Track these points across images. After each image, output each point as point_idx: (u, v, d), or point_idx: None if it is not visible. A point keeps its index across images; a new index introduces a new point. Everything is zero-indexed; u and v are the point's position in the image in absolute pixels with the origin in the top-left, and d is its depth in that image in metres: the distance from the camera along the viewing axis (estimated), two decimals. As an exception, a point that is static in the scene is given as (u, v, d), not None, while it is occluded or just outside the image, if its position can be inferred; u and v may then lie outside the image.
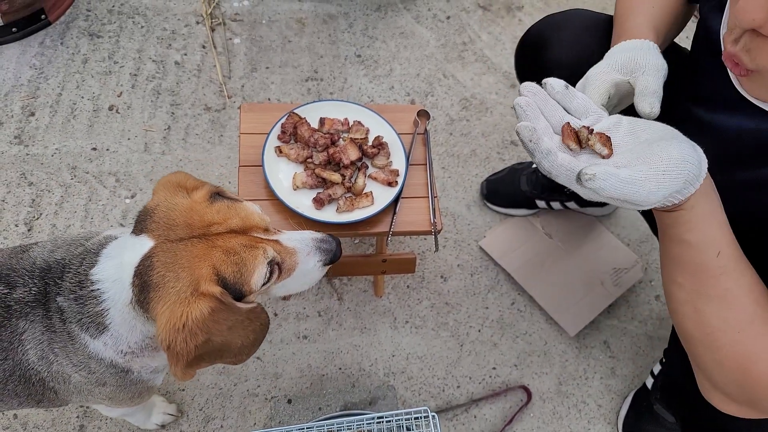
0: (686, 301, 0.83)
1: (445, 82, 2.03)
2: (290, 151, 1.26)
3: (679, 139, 0.75)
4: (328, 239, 0.97)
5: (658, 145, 0.73)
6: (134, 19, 2.02)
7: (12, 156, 1.72)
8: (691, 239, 0.78)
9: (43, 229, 1.61)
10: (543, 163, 0.74)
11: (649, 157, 0.72)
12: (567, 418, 1.53)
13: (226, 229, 0.84)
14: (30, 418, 1.38)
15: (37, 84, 1.85)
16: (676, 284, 0.83)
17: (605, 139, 0.76)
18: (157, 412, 1.37)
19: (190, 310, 0.77)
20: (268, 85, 1.94)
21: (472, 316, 1.64)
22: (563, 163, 0.74)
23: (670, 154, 0.71)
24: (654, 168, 0.71)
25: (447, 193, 1.81)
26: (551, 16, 1.28)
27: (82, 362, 0.90)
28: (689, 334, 0.85)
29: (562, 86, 0.81)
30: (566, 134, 0.77)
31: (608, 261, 1.72)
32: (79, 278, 0.87)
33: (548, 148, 0.74)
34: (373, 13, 2.15)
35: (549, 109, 0.80)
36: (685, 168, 0.71)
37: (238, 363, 0.89)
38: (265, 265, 0.85)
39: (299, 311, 1.59)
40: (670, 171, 0.71)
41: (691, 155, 0.73)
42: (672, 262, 0.84)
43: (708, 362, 0.84)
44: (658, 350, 1.64)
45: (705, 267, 0.79)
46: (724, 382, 0.84)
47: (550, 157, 0.74)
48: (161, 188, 0.87)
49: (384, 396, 1.48)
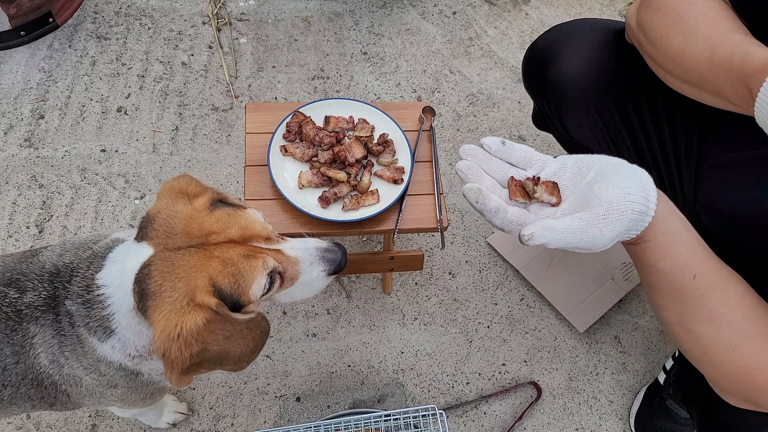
0: (675, 323, 0.82)
1: (452, 78, 2.02)
2: (296, 150, 1.26)
3: (620, 173, 0.73)
4: (333, 249, 0.95)
5: (599, 186, 0.72)
6: (141, 21, 2.04)
7: (22, 159, 1.74)
8: (664, 267, 0.77)
9: (54, 230, 1.63)
10: (494, 221, 0.75)
11: (590, 202, 0.71)
12: (578, 414, 1.52)
13: (224, 239, 0.83)
14: (43, 418, 1.40)
15: (46, 87, 1.86)
16: (662, 308, 0.83)
17: (552, 186, 0.76)
18: (168, 410, 1.38)
19: (185, 321, 0.77)
20: (275, 85, 1.95)
21: (480, 313, 1.63)
22: (513, 219, 0.74)
23: (609, 196, 0.70)
24: (593, 213, 0.70)
25: (455, 189, 1.81)
26: (558, 27, 1.25)
27: (92, 365, 0.91)
28: (687, 352, 0.84)
29: (499, 143, 0.81)
30: (512, 190, 0.77)
31: (618, 255, 1.71)
32: (86, 282, 0.87)
33: (496, 206, 0.74)
34: (379, 10, 2.15)
35: (492, 167, 0.80)
36: (627, 207, 0.70)
37: (238, 370, 0.88)
38: (264, 276, 0.84)
39: (308, 309, 1.59)
40: (610, 214, 0.69)
41: (633, 191, 0.71)
42: (652, 289, 0.83)
43: (711, 376, 0.84)
44: (670, 345, 1.62)
45: (684, 291, 0.78)
46: (730, 391, 0.84)
47: (500, 215, 0.74)
48: (164, 193, 0.87)
49: (393, 393, 1.48)
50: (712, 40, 0.85)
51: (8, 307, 0.87)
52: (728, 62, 0.80)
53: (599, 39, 1.17)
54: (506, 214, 0.74)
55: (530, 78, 1.31)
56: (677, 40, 0.90)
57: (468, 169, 0.78)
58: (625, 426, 1.51)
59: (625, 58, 1.10)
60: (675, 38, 0.90)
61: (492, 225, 0.75)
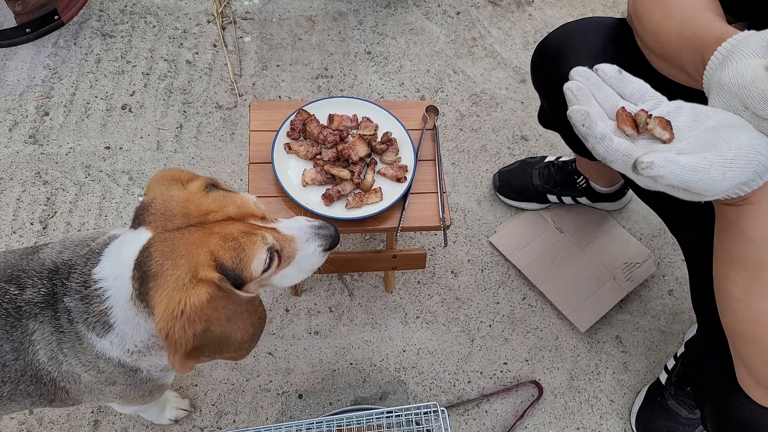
0: (740, 298, 0.80)
1: (455, 78, 2.03)
2: (299, 148, 1.26)
3: (749, 128, 0.71)
4: (325, 225, 0.96)
5: (726, 132, 0.69)
6: (146, 19, 2.04)
7: (27, 155, 1.74)
8: (754, 236, 0.75)
9: (58, 227, 1.63)
10: (597, 149, 0.71)
11: (716, 144, 0.68)
12: (579, 413, 1.52)
13: (223, 217, 0.84)
14: (45, 414, 1.40)
15: (51, 84, 1.87)
16: (730, 280, 0.81)
17: (665, 123, 0.72)
18: (170, 407, 1.39)
19: (189, 297, 0.77)
20: (279, 83, 1.95)
21: (482, 312, 1.64)
22: (619, 149, 0.70)
23: (739, 142, 0.67)
24: (720, 155, 0.67)
25: (457, 188, 1.81)
26: (567, 25, 1.25)
27: (90, 362, 0.91)
28: (739, 331, 0.82)
29: (616, 71, 0.77)
30: (621, 119, 0.73)
31: (620, 255, 1.71)
32: (84, 278, 0.88)
33: (602, 132, 0.70)
34: (383, 10, 2.16)
35: (602, 95, 0.76)
36: (755, 158, 0.67)
37: (239, 358, 0.88)
38: (264, 251, 0.84)
39: (310, 307, 1.60)
40: (738, 160, 0.67)
41: (762, 145, 0.68)
42: (728, 259, 0.80)
43: (755, 359, 0.82)
44: (671, 345, 1.63)
45: (765, 265, 0.76)
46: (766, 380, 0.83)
47: (604, 142, 0.70)
48: (155, 184, 0.88)
49: (395, 391, 1.49)
50: (684, 16, 0.86)
51: (8, 303, 0.87)
52: (692, 36, 0.82)
53: (609, 35, 1.17)
54: (612, 143, 0.70)
55: (539, 75, 1.30)
56: (657, 15, 0.92)
57: (578, 90, 0.74)
58: (626, 425, 1.52)
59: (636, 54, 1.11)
60: (656, 14, 0.92)
61: (594, 153, 0.71)
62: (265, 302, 1.59)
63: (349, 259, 1.41)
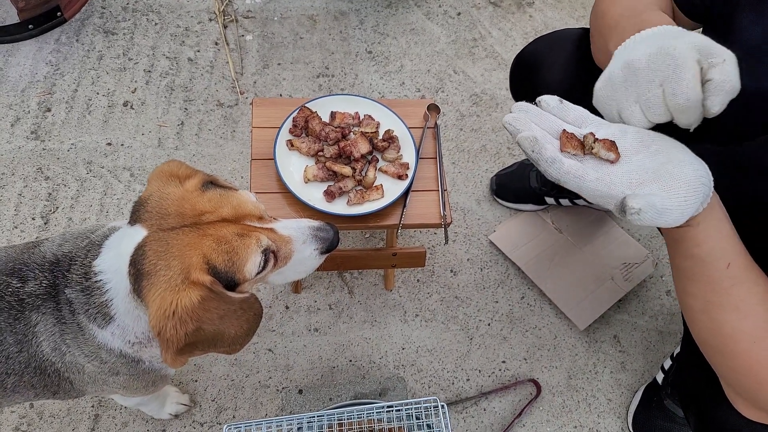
0: (701, 310, 0.82)
1: (456, 78, 2.04)
2: (301, 145, 1.27)
3: (689, 154, 0.74)
4: (325, 227, 0.96)
5: (674, 166, 0.72)
6: (148, 17, 2.05)
7: (29, 151, 1.75)
8: (700, 253, 0.78)
9: (60, 222, 1.64)
10: (550, 171, 0.74)
11: (668, 181, 0.71)
12: (576, 412, 1.53)
13: (217, 218, 0.84)
14: (46, 408, 1.41)
15: (53, 80, 1.88)
16: (690, 295, 0.83)
17: (609, 144, 0.75)
18: (170, 402, 1.39)
19: (180, 298, 0.77)
20: (280, 82, 1.96)
21: (481, 310, 1.64)
22: (570, 170, 0.74)
23: (687, 178, 0.71)
24: (675, 194, 0.70)
25: (457, 188, 1.82)
26: (542, 38, 1.30)
27: (93, 352, 0.92)
28: (706, 342, 0.85)
29: (557, 101, 0.81)
30: (564, 141, 0.76)
31: (618, 256, 1.73)
32: (84, 270, 0.88)
33: (552, 156, 0.73)
34: (384, 10, 2.17)
35: (545, 122, 0.79)
36: (701, 191, 0.71)
37: (233, 353, 0.89)
38: (259, 254, 0.84)
39: (310, 304, 1.60)
40: (689, 196, 0.70)
41: (704, 175, 0.72)
42: (683, 274, 0.83)
43: (725, 369, 0.84)
44: (668, 345, 1.64)
45: (716, 279, 0.79)
46: (741, 388, 0.84)
47: (555, 165, 0.74)
48: (155, 178, 0.88)
49: (394, 387, 1.49)
50: (630, 8, 0.90)
51: (11, 296, 0.88)
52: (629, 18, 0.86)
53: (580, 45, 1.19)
54: (563, 165, 0.73)
55: (517, 86, 1.36)
56: (613, 9, 0.95)
57: (515, 120, 0.77)
58: (623, 424, 1.53)
59: None
60: (612, 8, 0.95)
61: (547, 175, 0.74)
62: (265, 299, 1.59)
63: (349, 256, 1.41)
